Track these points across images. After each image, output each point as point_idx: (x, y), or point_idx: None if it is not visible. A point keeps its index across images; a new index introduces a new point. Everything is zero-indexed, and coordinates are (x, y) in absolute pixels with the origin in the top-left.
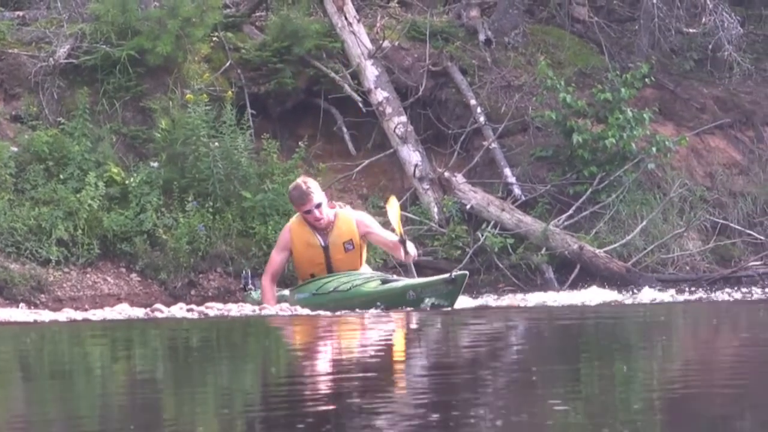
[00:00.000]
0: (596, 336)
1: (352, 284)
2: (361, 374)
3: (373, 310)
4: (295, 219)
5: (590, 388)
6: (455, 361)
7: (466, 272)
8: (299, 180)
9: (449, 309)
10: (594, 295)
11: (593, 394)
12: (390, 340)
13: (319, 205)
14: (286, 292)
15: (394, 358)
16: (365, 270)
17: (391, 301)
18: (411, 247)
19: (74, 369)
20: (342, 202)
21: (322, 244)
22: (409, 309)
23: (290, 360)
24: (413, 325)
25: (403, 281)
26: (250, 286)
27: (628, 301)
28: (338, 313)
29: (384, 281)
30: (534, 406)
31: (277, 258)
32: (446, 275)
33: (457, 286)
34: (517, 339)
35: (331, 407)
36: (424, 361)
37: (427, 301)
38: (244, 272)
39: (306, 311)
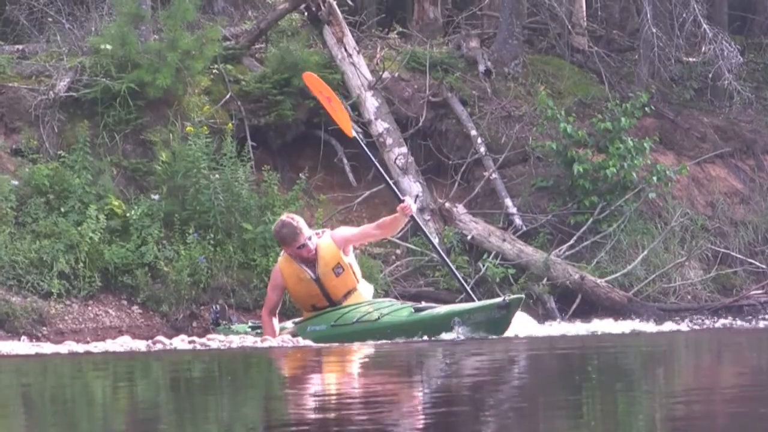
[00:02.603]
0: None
1: (381, 313)
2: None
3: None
4: (282, 258)
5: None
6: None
7: (522, 296)
8: (284, 218)
9: (494, 338)
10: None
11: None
12: (390, 372)
13: (309, 238)
14: (289, 324)
15: (390, 392)
16: (364, 285)
17: (432, 330)
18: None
19: (76, 400)
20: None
21: (313, 276)
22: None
23: (289, 392)
24: (422, 358)
25: (446, 307)
26: (225, 321)
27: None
28: (356, 344)
29: (417, 309)
30: None
31: (272, 295)
32: (498, 300)
33: (511, 312)
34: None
35: None
36: (430, 394)
37: (460, 330)
38: (213, 307)
39: (308, 342)
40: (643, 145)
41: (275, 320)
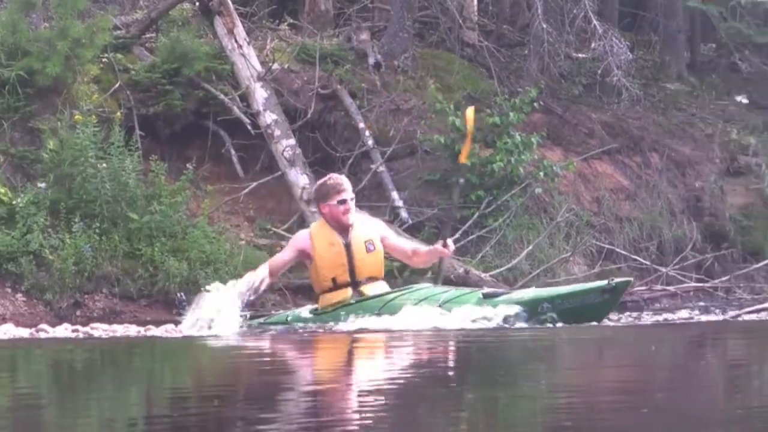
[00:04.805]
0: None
1: (440, 300)
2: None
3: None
4: (315, 223)
5: None
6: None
7: (630, 278)
8: (331, 174)
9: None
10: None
11: None
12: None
13: (353, 199)
14: (301, 311)
15: (273, 380)
16: (385, 284)
17: (516, 317)
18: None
19: None
20: (229, 223)
21: (344, 242)
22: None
23: (171, 383)
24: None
25: (529, 292)
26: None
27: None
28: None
29: (486, 295)
30: None
31: (286, 254)
32: (603, 282)
33: (617, 296)
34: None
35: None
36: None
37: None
38: (179, 296)
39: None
40: (530, 141)
41: (267, 279)
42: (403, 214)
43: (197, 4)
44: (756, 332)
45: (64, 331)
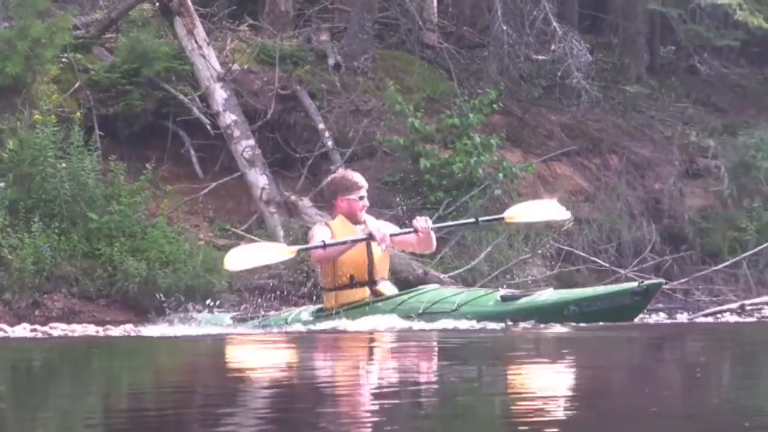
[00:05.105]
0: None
1: (457, 302)
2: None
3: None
4: (335, 219)
5: None
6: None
7: (662, 280)
8: (348, 170)
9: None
10: None
11: None
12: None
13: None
14: (300, 312)
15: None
16: (389, 284)
17: (542, 319)
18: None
19: None
20: (188, 224)
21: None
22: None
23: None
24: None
25: (553, 293)
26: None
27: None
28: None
29: (505, 297)
30: None
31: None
32: (633, 284)
33: (648, 298)
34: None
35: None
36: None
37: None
38: (159, 297)
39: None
40: (490, 142)
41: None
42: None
43: (157, 4)
44: (714, 334)
45: (22, 330)
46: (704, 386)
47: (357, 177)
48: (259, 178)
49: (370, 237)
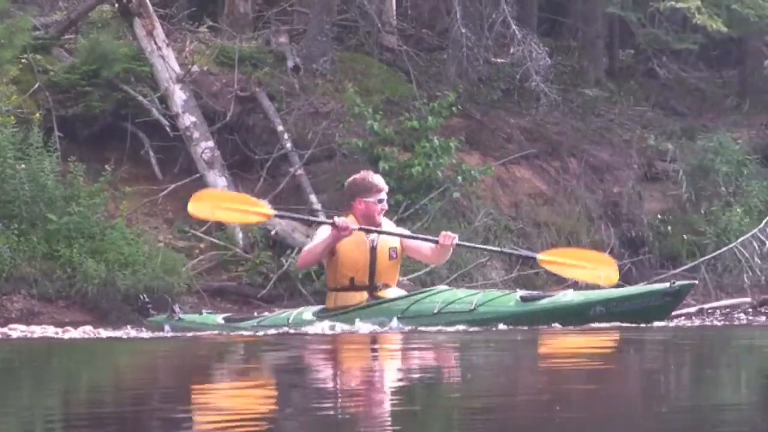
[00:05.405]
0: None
1: (474, 303)
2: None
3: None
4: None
5: None
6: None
7: (694, 281)
8: (369, 171)
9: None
10: None
11: None
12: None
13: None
14: (307, 314)
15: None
16: (396, 290)
17: (565, 320)
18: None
19: None
20: (147, 225)
21: (371, 245)
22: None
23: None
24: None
25: (575, 294)
26: (159, 312)
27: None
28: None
29: (525, 298)
30: None
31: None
32: (665, 285)
33: (680, 298)
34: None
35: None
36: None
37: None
38: (142, 298)
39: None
40: (449, 145)
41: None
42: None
43: (117, 5)
44: (674, 339)
45: None
46: (659, 391)
47: (377, 180)
48: (218, 180)
49: (333, 224)
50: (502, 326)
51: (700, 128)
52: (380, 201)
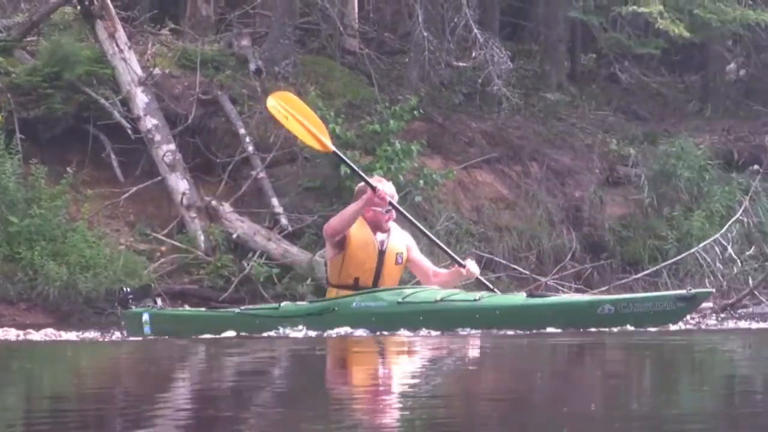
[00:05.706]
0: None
1: (475, 296)
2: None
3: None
4: (356, 222)
5: None
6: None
7: (711, 290)
8: (380, 178)
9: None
10: None
11: None
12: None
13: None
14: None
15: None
16: None
17: (570, 320)
18: (473, 265)
19: None
20: (108, 228)
21: (380, 248)
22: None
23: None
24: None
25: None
26: (139, 304)
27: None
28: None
29: (531, 296)
30: None
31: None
32: (681, 291)
33: (694, 305)
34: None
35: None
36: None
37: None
38: (125, 290)
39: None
40: (410, 149)
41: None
42: (283, 220)
43: (79, 8)
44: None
45: None
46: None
47: (387, 187)
48: (180, 183)
49: (373, 188)
50: (509, 332)
51: (662, 133)
52: (388, 211)
